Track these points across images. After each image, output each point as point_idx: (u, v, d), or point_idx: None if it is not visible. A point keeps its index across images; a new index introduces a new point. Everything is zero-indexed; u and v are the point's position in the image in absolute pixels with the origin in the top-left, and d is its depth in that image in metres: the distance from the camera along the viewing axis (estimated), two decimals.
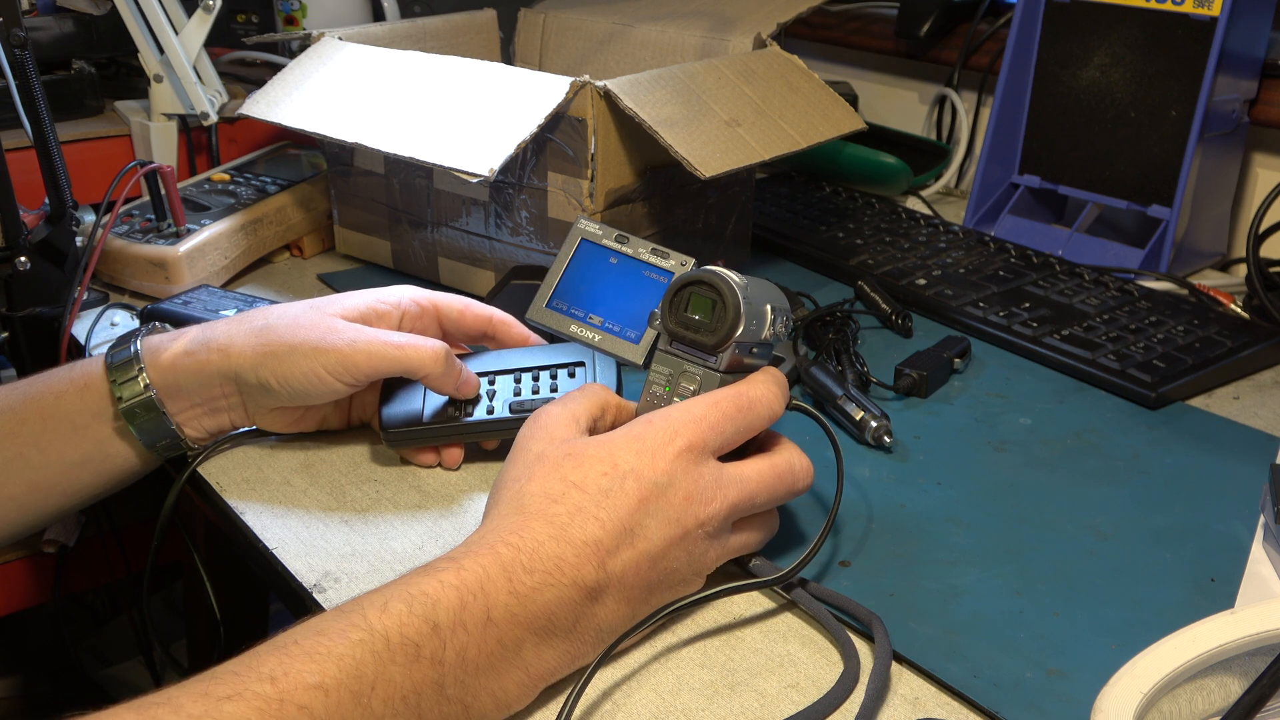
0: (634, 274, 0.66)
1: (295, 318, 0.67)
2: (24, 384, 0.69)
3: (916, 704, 0.53)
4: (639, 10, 1.13)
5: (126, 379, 0.67)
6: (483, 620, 0.48)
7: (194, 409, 0.68)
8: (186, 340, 0.68)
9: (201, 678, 0.44)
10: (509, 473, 0.56)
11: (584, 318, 0.66)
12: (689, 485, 0.54)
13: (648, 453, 0.54)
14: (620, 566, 0.52)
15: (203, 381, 0.67)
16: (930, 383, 0.81)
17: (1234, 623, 0.48)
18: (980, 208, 1.13)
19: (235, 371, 0.66)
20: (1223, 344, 0.85)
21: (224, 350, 0.66)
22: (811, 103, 0.95)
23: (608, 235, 0.67)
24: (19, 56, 0.83)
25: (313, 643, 0.45)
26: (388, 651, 0.46)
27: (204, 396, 0.68)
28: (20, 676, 1.41)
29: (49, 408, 0.67)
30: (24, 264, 0.86)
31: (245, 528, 0.65)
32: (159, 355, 0.67)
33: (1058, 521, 0.66)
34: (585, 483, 0.53)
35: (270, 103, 0.92)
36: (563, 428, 0.57)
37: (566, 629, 0.51)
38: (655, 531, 0.53)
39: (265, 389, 0.66)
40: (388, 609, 0.47)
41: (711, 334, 0.57)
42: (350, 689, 0.44)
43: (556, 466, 0.54)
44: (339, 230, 1.03)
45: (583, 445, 0.55)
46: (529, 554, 0.51)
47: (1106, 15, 1.04)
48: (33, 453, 0.67)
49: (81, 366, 0.69)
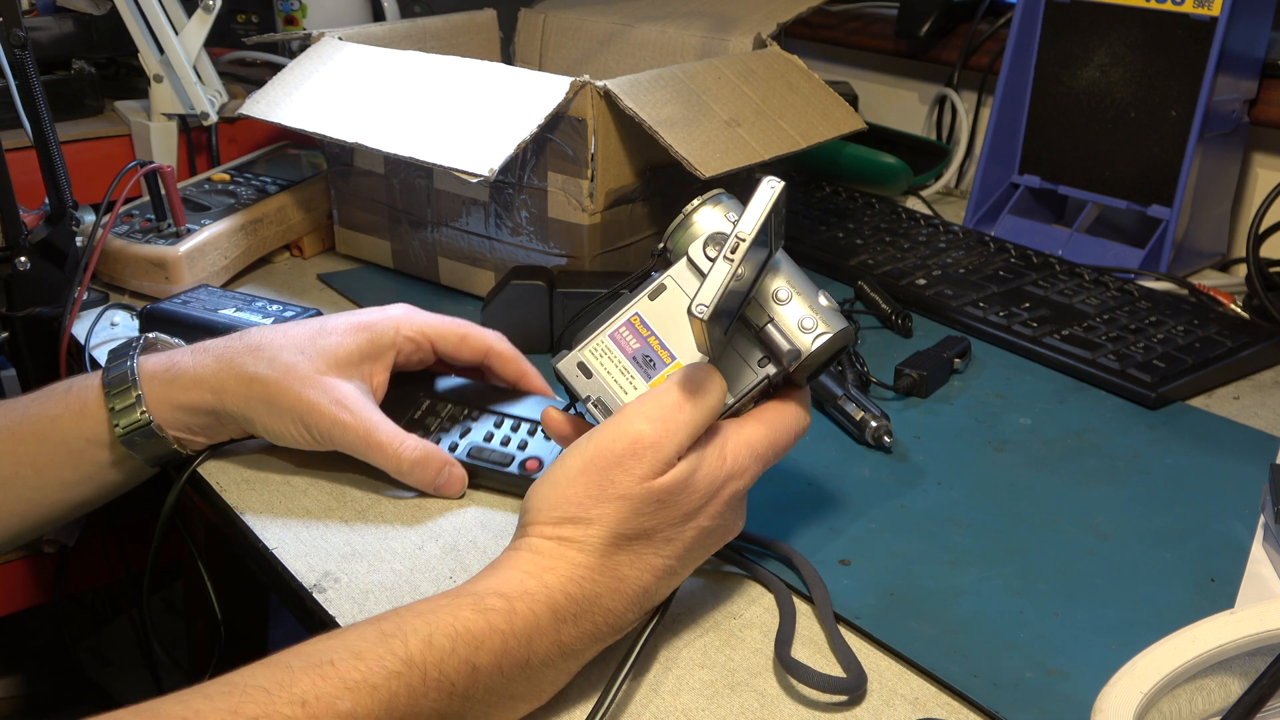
0: None
1: (286, 369, 0.65)
2: (21, 403, 0.68)
3: (916, 704, 0.53)
4: (639, 10, 1.13)
5: (124, 406, 0.66)
6: (521, 664, 0.49)
7: (193, 434, 0.69)
8: (182, 377, 0.67)
9: (228, 689, 0.43)
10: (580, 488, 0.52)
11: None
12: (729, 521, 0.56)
13: (713, 497, 0.54)
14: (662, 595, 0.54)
15: (199, 417, 0.67)
16: (930, 383, 0.81)
17: (1234, 623, 0.48)
18: (980, 208, 1.13)
19: (229, 413, 0.67)
20: (1223, 344, 0.85)
21: (218, 394, 0.66)
22: (811, 103, 0.95)
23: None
24: (19, 56, 0.83)
25: (349, 667, 0.45)
26: (423, 687, 0.46)
27: (202, 425, 0.68)
28: (20, 676, 1.41)
29: (45, 430, 0.67)
30: (24, 264, 0.86)
31: (245, 528, 0.65)
32: (154, 387, 0.67)
33: (1058, 521, 0.66)
34: (654, 530, 0.52)
35: (270, 103, 0.92)
36: (658, 466, 0.52)
37: (591, 655, 0.53)
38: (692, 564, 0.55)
39: (257, 430, 0.67)
40: (432, 644, 0.47)
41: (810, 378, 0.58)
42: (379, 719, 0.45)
43: (637, 512, 0.52)
44: (339, 230, 1.03)
45: (663, 491, 0.52)
46: (584, 606, 0.51)
47: (1106, 15, 1.04)
48: (29, 473, 0.67)
49: (78, 388, 0.67)
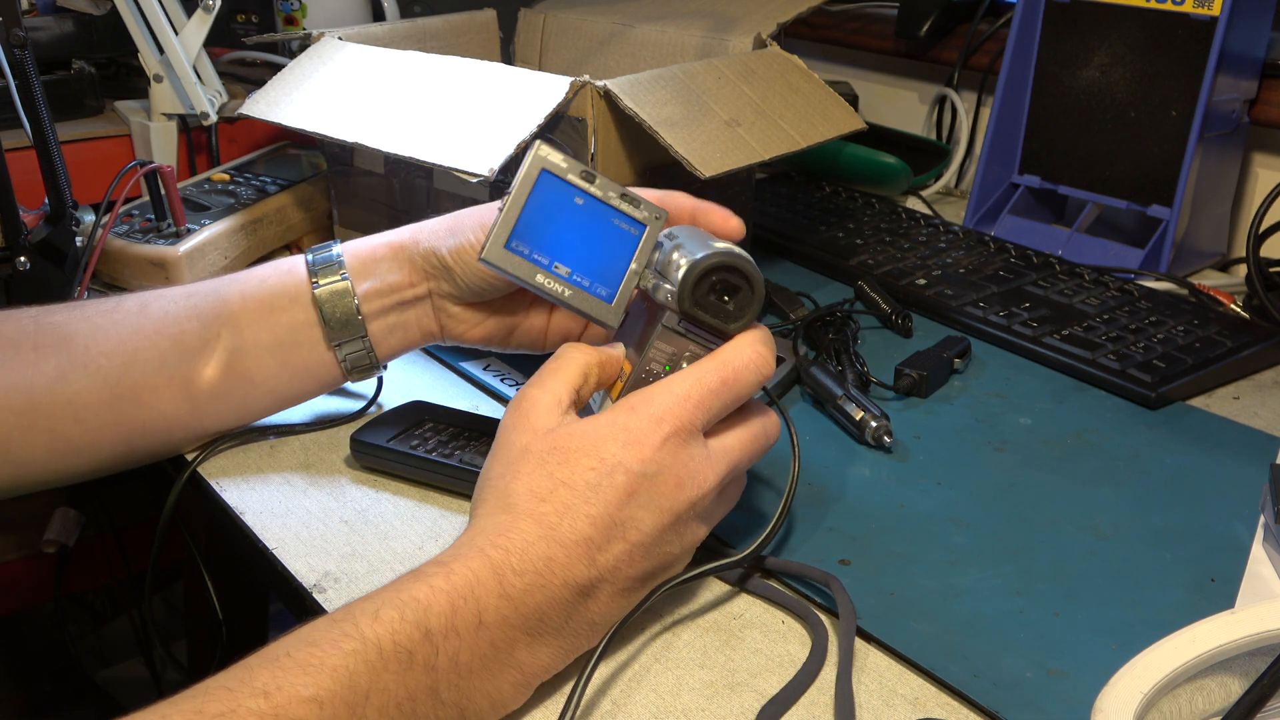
0: (602, 220, 0.59)
1: (481, 206, 0.68)
2: (231, 274, 0.70)
3: (916, 704, 0.53)
4: (639, 10, 1.13)
5: (325, 266, 0.68)
6: (474, 624, 0.48)
7: (384, 299, 0.68)
8: (387, 235, 0.70)
9: (194, 693, 0.43)
10: (493, 469, 0.55)
11: (549, 266, 0.59)
12: (679, 471, 0.54)
13: (634, 442, 0.53)
14: (612, 560, 0.52)
15: (396, 265, 0.68)
16: (930, 383, 0.81)
17: (1234, 623, 0.48)
18: (980, 208, 1.13)
19: (423, 254, 0.67)
20: (1223, 344, 0.85)
21: (415, 232, 0.68)
22: (811, 103, 0.95)
23: (573, 170, 0.59)
24: (19, 56, 0.83)
25: (305, 654, 0.45)
26: (380, 660, 0.46)
27: (395, 284, 0.68)
28: (20, 676, 1.41)
29: (251, 290, 0.68)
30: (24, 264, 0.86)
31: (245, 528, 0.65)
32: (360, 247, 0.69)
33: (1058, 521, 0.66)
34: (572, 479, 0.52)
35: (270, 103, 0.92)
36: (545, 416, 0.55)
37: (558, 626, 0.51)
38: (647, 521, 0.53)
39: (446, 270, 0.66)
40: (379, 617, 0.47)
41: (736, 320, 0.56)
42: (345, 700, 0.44)
43: (542, 462, 0.53)
44: (339, 230, 1.03)
45: (567, 436, 0.54)
46: (518, 555, 0.50)
47: (1106, 15, 1.04)
48: (229, 334, 0.67)
49: (289, 260, 0.70)
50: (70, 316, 0.67)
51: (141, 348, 0.66)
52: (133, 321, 0.67)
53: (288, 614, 0.62)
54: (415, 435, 0.69)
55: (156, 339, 0.67)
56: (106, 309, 0.68)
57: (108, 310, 0.68)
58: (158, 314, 0.67)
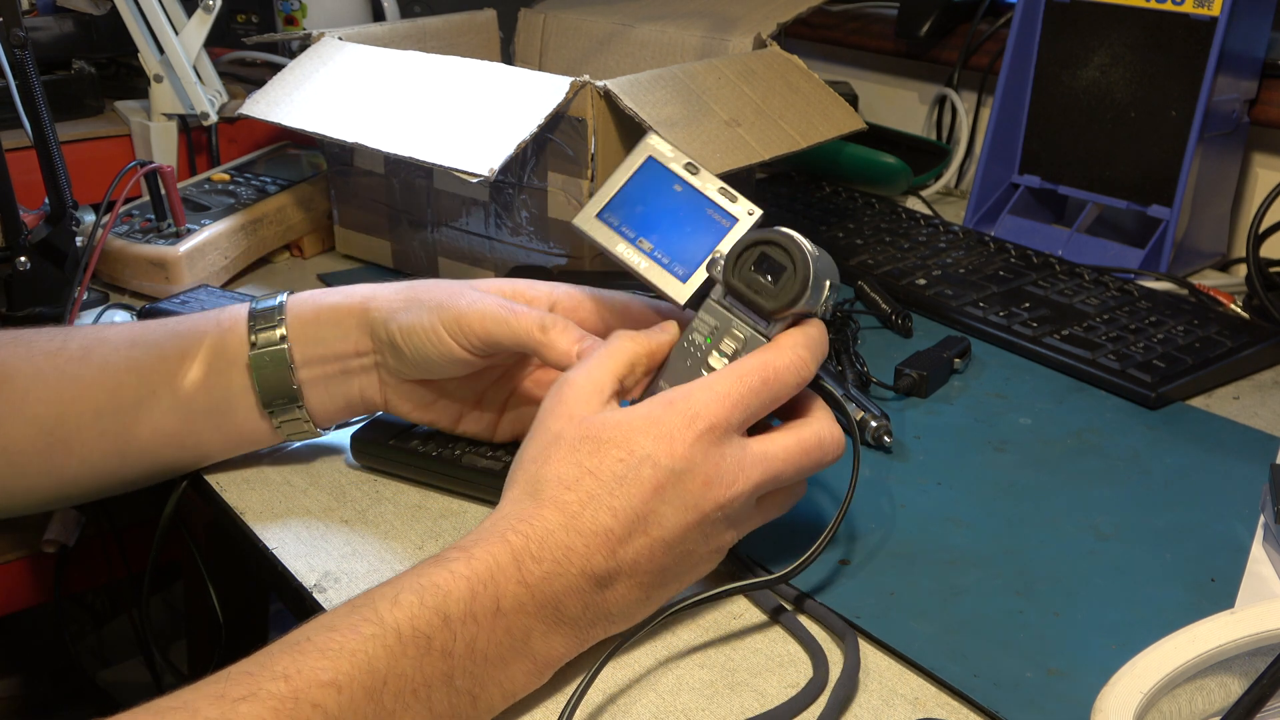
0: (696, 208, 0.60)
1: (438, 282, 0.65)
2: (174, 321, 0.67)
3: (916, 704, 0.53)
4: (639, 10, 1.13)
5: (266, 326, 0.65)
6: (492, 610, 0.48)
7: (325, 367, 0.65)
8: (336, 292, 0.66)
9: (216, 679, 0.44)
10: (527, 452, 0.55)
11: (634, 240, 0.60)
12: (709, 469, 0.53)
13: (665, 437, 0.52)
14: (632, 554, 0.52)
15: (340, 332, 0.65)
16: (930, 383, 0.81)
17: (1234, 623, 0.48)
18: (980, 208, 1.13)
19: (371, 324, 0.64)
20: (1223, 344, 0.85)
21: (366, 300, 0.65)
22: (811, 103, 0.95)
23: (678, 161, 0.61)
24: (19, 56, 0.83)
25: (325, 639, 0.45)
26: (399, 645, 0.46)
27: (339, 352, 0.65)
28: (20, 676, 1.41)
29: (191, 349, 0.66)
30: (24, 264, 0.86)
31: (245, 528, 0.65)
32: (304, 305, 0.66)
33: (1058, 521, 0.66)
34: (600, 469, 0.52)
35: (270, 103, 0.92)
36: (583, 403, 0.54)
37: (574, 617, 0.51)
38: (670, 518, 0.52)
39: (394, 347, 0.63)
40: (399, 602, 0.47)
41: (774, 299, 0.55)
42: (363, 684, 0.44)
43: (573, 450, 0.53)
44: (339, 230, 1.03)
45: (601, 426, 0.53)
46: (538, 543, 0.50)
47: (1106, 15, 1.04)
48: (166, 393, 0.65)
49: (232, 309, 0.67)
50: (14, 354, 0.65)
51: (79, 398, 0.65)
52: (73, 369, 0.65)
53: (288, 614, 0.62)
54: (416, 435, 0.69)
55: (94, 391, 0.65)
56: (52, 349, 0.66)
57: (52, 352, 0.66)
58: (97, 363, 0.65)
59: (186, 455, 0.68)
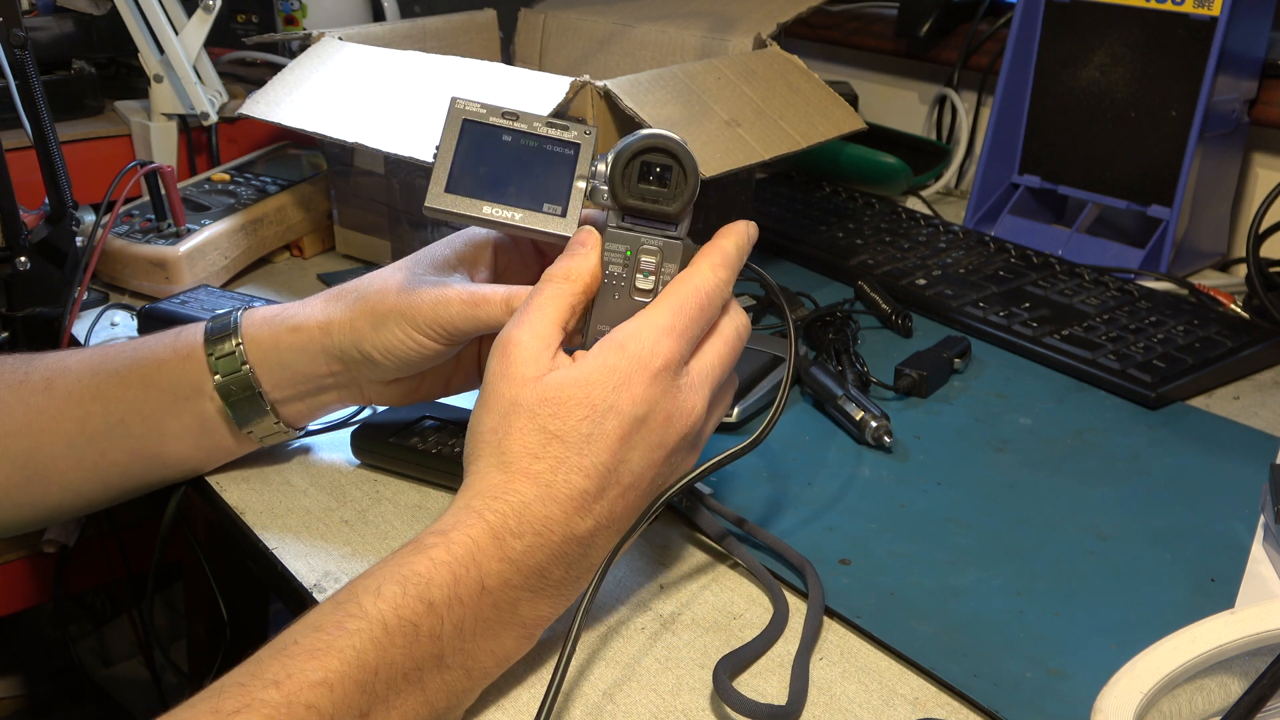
0: (535, 149, 0.59)
1: (384, 282, 0.63)
2: (131, 346, 0.67)
3: (916, 704, 0.53)
4: (639, 10, 1.13)
5: (224, 354, 0.64)
6: (477, 590, 0.49)
7: (296, 387, 0.65)
8: (290, 317, 0.65)
9: (209, 693, 0.44)
10: (484, 421, 0.53)
11: (494, 200, 0.59)
12: (668, 406, 0.53)
13: (625, 384, 0.52)
14: (608, 506, 0.52)
15: (306, 358, 0.64)
16: (930, 383, 0.81)
17: (1234, 623, 0.48)
18: (980, 208, 1.13)
19: (339, 348, 0.63)
20: (1223, 344, 0.85)
21: (322, 326, 0.63)
22: (811, 103, 0.95)
23: (493, 113, 0.60)
24: (19, 56, 0.83)
25: (312, 640, 0.45)
26: (386, 636, 0.46)
27: (308, 374, 0.65)
28: (20, 676, 1.41)
29: (152, 375, 0.65)
30: (24, 264, 0.86)
31: (245, 528, 0.65)
32: (260, 330, 0.64)
33: (1058, 521, 0.66)
34: (565, 431, 0.52)
35: (270, 103, 0.92)
36: (533, 364, 0.53)
37: (559, 579, 0.52)
38: (638, 462, 0.53)
39: (370, 362, 0.63)
40: (381, 593, 0.47)
41: (675, 201, 0.55)
42: (355, 679, 0.45)
43: (533, 416, 0.52)
44: (339, 230, 1.03)
45: (558, 386, 0.52)
46: (516, 518, 0.50)
47: (1106, 15, 1.04)
48: (135, 420, 0.65)
49: (187, 334, 0.66)
50: None
51: (46, 429, 0.64)
52: (38, 400, 0.65)
53: (288, 614, 0.62)
54: (416, 432, 0.69)
55: (61, 421, 0.65)
56: (15, 381, 0.65)
57: (15, 384, 0.65)
58: (61, 394, 0.65)
59: (170, 473, 0.68)
